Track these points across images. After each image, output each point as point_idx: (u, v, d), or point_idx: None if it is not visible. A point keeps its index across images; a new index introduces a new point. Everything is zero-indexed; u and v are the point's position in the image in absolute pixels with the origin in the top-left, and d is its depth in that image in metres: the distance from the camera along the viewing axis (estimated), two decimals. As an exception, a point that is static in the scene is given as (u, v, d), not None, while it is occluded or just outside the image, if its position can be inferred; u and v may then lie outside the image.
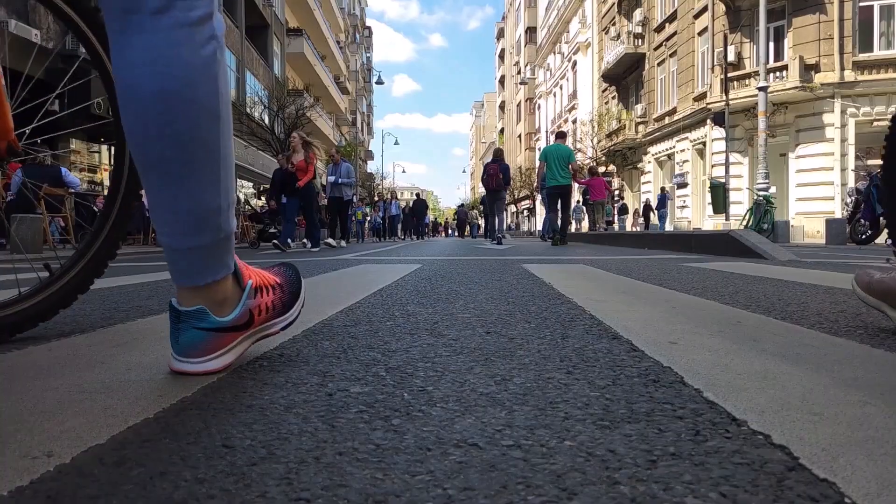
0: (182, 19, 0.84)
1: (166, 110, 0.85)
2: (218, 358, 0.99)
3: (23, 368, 1.05)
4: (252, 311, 1.03)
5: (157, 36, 0.83)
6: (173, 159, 0.87)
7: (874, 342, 1.27)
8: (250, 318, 1.03)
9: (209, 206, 0.92)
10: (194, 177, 0.89)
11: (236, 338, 1.02)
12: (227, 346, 1.00)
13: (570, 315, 1.68)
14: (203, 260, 0.94)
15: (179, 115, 0.86)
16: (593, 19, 32.58)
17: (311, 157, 8.52)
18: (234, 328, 1.00)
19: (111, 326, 1.53)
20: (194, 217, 0.91)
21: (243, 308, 1.01)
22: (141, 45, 0.83)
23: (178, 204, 0.90)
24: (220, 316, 0.97)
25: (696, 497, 0.53)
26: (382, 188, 43.54)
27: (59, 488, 0.56)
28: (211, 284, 0.96)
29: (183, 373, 0.98)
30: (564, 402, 0.83)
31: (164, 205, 0.90)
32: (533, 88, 49.99)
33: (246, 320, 1.02)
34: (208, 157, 0.90)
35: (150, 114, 0.85)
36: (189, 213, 0.90)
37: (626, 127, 26.61)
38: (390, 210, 22.92)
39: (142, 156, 0.88)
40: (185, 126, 0.86)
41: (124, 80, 0.85)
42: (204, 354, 0.97)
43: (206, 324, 0.96)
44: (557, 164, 9.86)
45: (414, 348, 1.22)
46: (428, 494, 0.54)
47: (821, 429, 0.71)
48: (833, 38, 16.81)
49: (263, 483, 0.57)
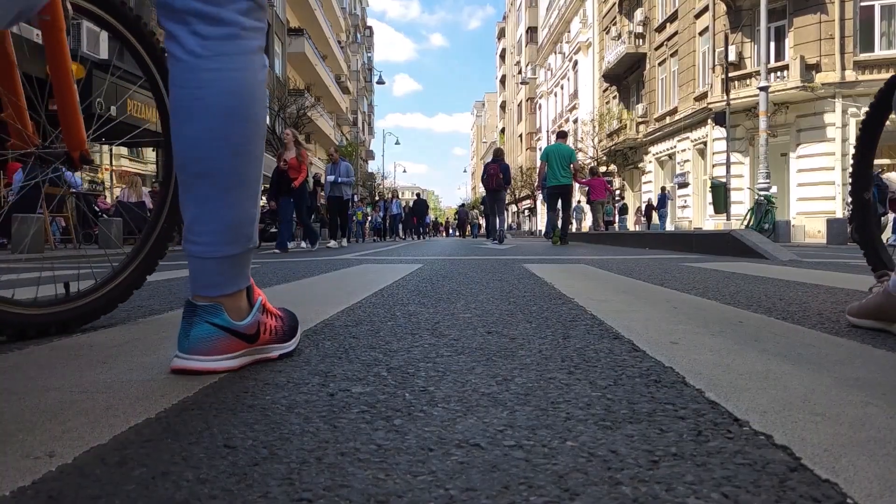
0: (246, 47, 0.97)
1: (229, 125, 0.95)
2: (222, 361, 0.99)
3: (24, 368, 1.05)
4: (260, 325, 1.05)
5: (228, 59, 0.95)
6: (228, 170, 0.96)
7: (876, 342, 1.26)
8: (257, 331, 1.04)
9: (248, 216, 1.00)
10: (241, 187, 0.98)
11: (242, 347, 1.02)
12: (233, 353, 1.01)
13: (571, 315, 1.68)
14: (231, 269, 0.99)
15: (238, 130, 0.96)
16: (594, 19, 32.56)
17: (303, 154, 8.41)
18: (243, 336, 1.01)
19: (113, 326, 1.54)
20: (234, 226, 0.99)
21: (254, 318, 1.03)
22: (212, 67, 0.94)
23: (224, 213, 0.98)
24: (234, 320, 1.00)
25: (699, 498, 0.53)
26: (383, 188, 43.53)
27: (61, 488, 0.56)
28: (230, 295, 1.00)
29: (184, 370, 0.98)
30: (566, 402, 0.83)
31: (209, 214, 0.97)
32: (534, 88, 49.99)
33: (254, 332, 1.04)
34: (253, 170, 1.00)
35: (216, 127, 0.95)
36: (231, 221, 0.98)
37: (626, 127, 26.59)
38: (391, 209, 22.90)
39: (198, 166, 0.96)
40: (241, 140, 0.97)
41: (193, 96, 0.94)
42: (210, 353, 0.98)
43: (220, 321, 0.98)
44: (559, 164, 9.89)
45: (415, 348, 1.22)
46: (430, 495, 0.54)
47: (823, 429, 0.71)
48: (834, 38, 16.79)
49: (265, 483, 0.57)
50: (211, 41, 0.94)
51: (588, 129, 29.40)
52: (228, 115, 0.95)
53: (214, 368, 0.98)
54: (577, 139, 30.91)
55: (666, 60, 23.71)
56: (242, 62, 0.96)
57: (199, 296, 0.99)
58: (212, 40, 0.94)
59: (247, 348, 1.04)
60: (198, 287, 0.99)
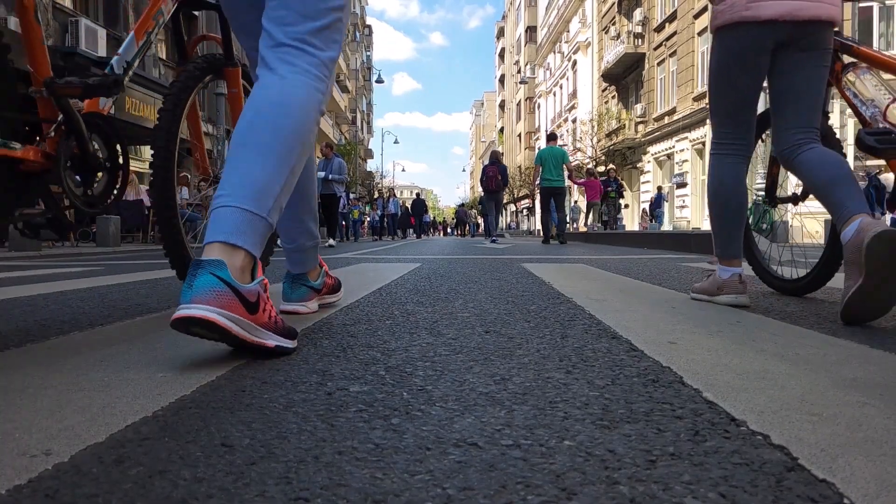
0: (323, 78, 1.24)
1: (305, 123, 1.18)
2: (222, 316, 0.97)
3: (21, 366, 1.05)
4: (260, 299, 1.05)
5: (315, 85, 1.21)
6: (264, 145, 1.13)
7: (873, 343, 1.27)
8: (256, 304, 1.04)
9: (272, 187, 1.11)
10: (272, 157, 1.12)
11: (242, 313, 1.01)
12: (230, 312, 0.99)
13: (569, 314, 1.68)
14: (245, 224, 1.06)
15: (308, 131, 1.20)
16: (593, 19, 32.57)
17: None
18: (244, 300, 1.01)
19: (110, 324, 1.53)
20: (259, 188, 1.09)
21: (254, 287, 1.04)
22: (302, 86, 1.19)
23: (252, 171, 1.10)
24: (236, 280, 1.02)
25: (696, 497, 0.53)
26: (382, 186, 43.48)
27: (58, 487, 0.56)
28: (237, 248, 1.04)
29: (186, 318, 0.95)
30: (564, 401, 0.83)
31: (238, 171, 1.10)
32: (533, 88, 49.97)
33: (254, 301, 1.03)
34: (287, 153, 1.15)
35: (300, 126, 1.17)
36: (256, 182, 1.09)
37: (625, 126, 26.61)
38: (389, 208, 22.87)
39: (243, 139, 1.13)
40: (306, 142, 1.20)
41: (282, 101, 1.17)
42: (211, 304, 0.97)
43: (223, 274, 1.00)
44: (553, 166, 10.14)
45: (413, 347, 1.22)
46: (427, 494, 0.54)
47: (820, 429, 0.71)
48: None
49: (263, 482, 0.57)
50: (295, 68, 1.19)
51: (587, 129, 29.40)
52: (304, 114, 1.17)
53: (214, 319, 0.96)
54: (576, 139, 30.92)
55: (665, 60, 23.73)
56: (316, 84, 1.21)
57: (212, 248, 1.04)
58: (295, 67, 1.19)
59: (245, 315, 1.02)
60: (210, 235, 1.04)
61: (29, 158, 1.35)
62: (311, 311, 1.68)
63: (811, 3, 1.72)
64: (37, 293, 2.31)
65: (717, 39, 1.89)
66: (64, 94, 1.43)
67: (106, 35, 12.64)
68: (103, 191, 1.62)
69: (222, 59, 1.89)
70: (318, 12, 1.19)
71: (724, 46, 1.88)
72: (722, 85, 1.93)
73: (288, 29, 1.18)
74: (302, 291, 1.67)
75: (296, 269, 1.67)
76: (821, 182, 1.75)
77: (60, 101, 1.44)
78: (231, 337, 1.00)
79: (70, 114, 1.46)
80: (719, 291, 1.94)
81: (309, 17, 1.19)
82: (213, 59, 1.87)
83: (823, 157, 1.81)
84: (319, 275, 1.74)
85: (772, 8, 1.72)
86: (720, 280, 1.95)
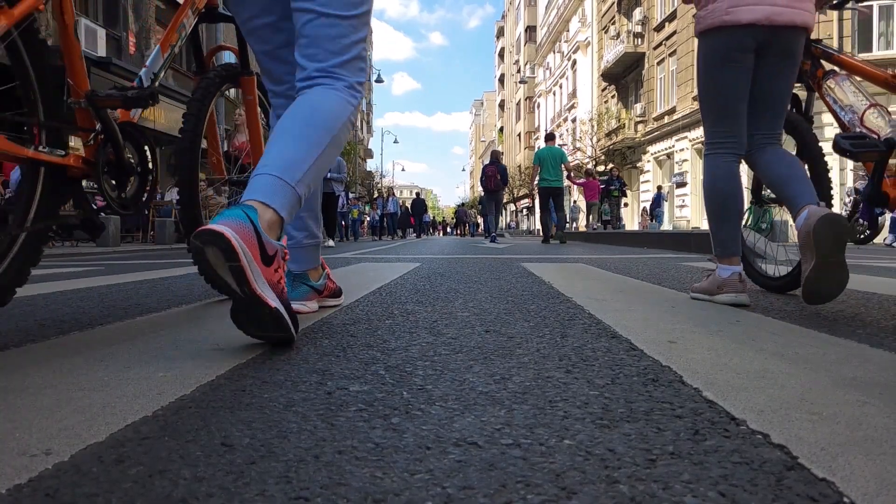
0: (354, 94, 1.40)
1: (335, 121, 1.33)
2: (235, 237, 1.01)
3: (21, 366, 1.05)
4: (276, 258, 1.13)
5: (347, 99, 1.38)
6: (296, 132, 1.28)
7: (872, 342, 1.27)
8: (272, 259, 1.11)
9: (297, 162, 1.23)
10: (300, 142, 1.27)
11: (253, 251, 1.06)
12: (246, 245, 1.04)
13: (569, 314, 1.68)
14: (271, 187, 1.17)
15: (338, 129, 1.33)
16: (593, 18, 32.56)
17: None
18: (261, 244, 1.08)
19: (109, 324, 1.53)
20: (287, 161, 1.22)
21: (276, 244, 1.14)
22: (333, 95, 1.35)
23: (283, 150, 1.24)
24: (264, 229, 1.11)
25: (695, 496, 0.53)
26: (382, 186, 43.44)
27: (58, 486, 0.56)
28: (267, 206, 1.14)
29: (202, 230, 1.00)
30: (563, 400, 0.83)
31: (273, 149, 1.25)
32: (532, 87, 49.96)
33: (270, 254, 1.11)
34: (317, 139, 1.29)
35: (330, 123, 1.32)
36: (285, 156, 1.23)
37: (625, 126, 26.60)
38: (388, 207, 22.85)
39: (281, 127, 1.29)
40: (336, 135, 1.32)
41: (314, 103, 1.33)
42: (230, 227, 1.03)
43: (251, 214, 1.08)
44: (551, 166, 10.23)
45: (413, 347, 1.22)
46: (427, 493, 0.54)
47: (819, 428, 0.71)
48: (832, 38, 16.79)
49: (263, 481, 0.57)
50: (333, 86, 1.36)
51: (586, 129, 29.41)
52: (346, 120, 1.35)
53: (229, 236, 1.00)
54: (576, 138, 30.91)
55: (664, 60, 23.72)
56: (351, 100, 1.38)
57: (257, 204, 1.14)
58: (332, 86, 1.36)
59: (258, 263, 1.07)
60: (244, 196, 1.17)
61: (71, 164, 1.46)
62: (311, 310, 1.68)
63: (787, 9, 1.82)
64: (36, 293, 2.31)
65: (702, 43, 1.98)
66: (105, 105, 1.54)
67: (105, 35, 12.63)
68: (135, 194, 1.72)
69: (238, 69, 2.03)
70: (343, 48, 1.36)
71: (708, 48, 1.96)
72: (710, 85, 1.99)
73: (319, 64, 1.35)
74: (303, 290, 1.68)
75: (295, 266, 1.69)
76: (777, 179, 1.94)
77: (100, 113, 1.54)
78: (238, 268, 1.01)
79: (108, 124, 1.56)
80: (719, 290, 1.95)
81: (336, 53, 1.35)
82: (230, 69, 2.01)
83: (780, 157, 2.00)
84: (321, 276, 1.75)
85: (751, 13, 1.81)
86: (720, 279, 1.96)
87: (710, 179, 2.03)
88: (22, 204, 1.40)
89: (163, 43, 1.81)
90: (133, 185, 1.71)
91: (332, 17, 1.34)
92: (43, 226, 1.43)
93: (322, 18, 1.34)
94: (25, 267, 1.39)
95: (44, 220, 1.43)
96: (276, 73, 1.60)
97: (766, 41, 1.87)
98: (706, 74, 2.00)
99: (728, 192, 2.00)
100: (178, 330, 1.42)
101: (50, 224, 1.45)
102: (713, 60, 1.95)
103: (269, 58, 1.58)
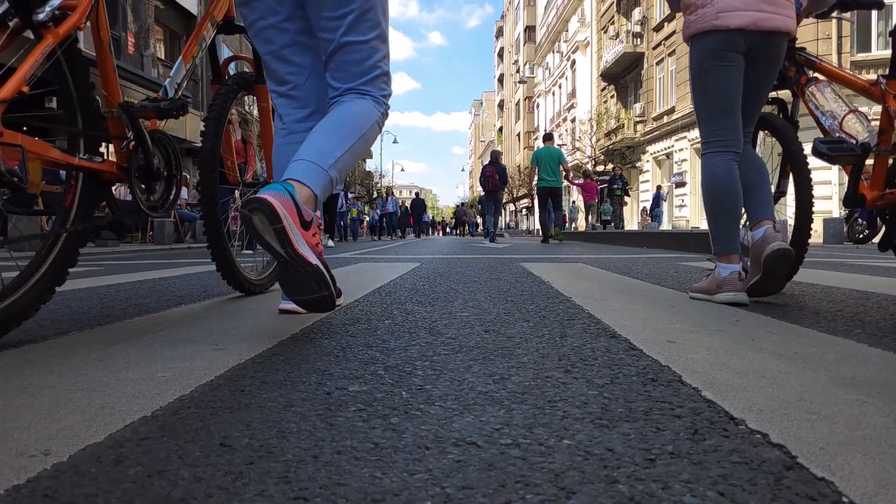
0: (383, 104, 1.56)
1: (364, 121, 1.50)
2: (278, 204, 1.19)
3: (20, 366, 1.05)
4: (313, 224, 1.29)
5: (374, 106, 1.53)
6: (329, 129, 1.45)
7: (872, 341, 1.27)
8: (309, 224, 1.27)
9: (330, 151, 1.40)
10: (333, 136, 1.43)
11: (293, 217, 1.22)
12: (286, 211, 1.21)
13: (568, 314, 1.68)
14: (307, 170, 1.34)
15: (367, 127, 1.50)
16: (592, 18, 32.56)
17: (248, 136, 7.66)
18: (299, 211, 1.24)
19: (108, 324, 1.53)
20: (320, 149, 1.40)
21: (312, 213, 1.30)
22: (361, 103, 1.51)
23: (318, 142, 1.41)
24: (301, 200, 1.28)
25: (695, 496, 0.53)
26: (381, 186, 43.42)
27: (57, 486, 0.56)
28: (303, 184, 1.31)
29: (251, 198, 1.18)
30: (563, 400, 0.83)
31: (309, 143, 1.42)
32: (532, 87, 49.96)
33: (308, 220, 1.27)
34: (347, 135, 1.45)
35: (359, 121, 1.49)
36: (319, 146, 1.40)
37: (624, 126, 26.60)
38: (387, 207, 22.81)
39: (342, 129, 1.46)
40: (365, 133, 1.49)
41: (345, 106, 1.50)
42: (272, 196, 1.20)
43: (289, 188, 1.26)
44: (549, 166, 10.26)
45: (413, 347, 1.22)
46: (426, 493, 0.54)
47: (818, 428, 0.71)
48: (831, 38, 16.81)
49: (262, 481, 0.57)
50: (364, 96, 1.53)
51: (586, 129, 29.41)
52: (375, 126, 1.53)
53: (273, 203, 1.17)
54: (575, 138, 30.92)
55: (664, 60, 23.72)
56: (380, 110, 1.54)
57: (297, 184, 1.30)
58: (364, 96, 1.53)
59: (297, 227, 1.23)
60: (285, 175, 1.33)
61: (107, 170, 1.56)
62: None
63: (773, 16, 1.91)
64: (35, 293, 2.30)
65: (694, 46, 2.04)
66: (140, 116, 1.66)
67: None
68: (161, 197, 1.83)
69: (253, 77, 2.19)
70: (366, 69, 1.52)
71: (700, 49, 2.02)
72: (706, 85, 2.03)
73: (347, 85, 1.53)
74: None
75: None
76: (744, 182, 2.04)
77: (135, 122, 1.65)
78: (281, 231, 1.18)
79: (141, 132, 1.67)
80: (719, 289, 1.95)
81: (361, 74, 1.52)
82: (246, 77, 2.17)
83: (750, 159, 2.10)
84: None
85: (739, 17, 1.90)
86: (719, 278, 1.96)
87: (709, 178, 2.05)
88: (63, 206, 1.49)
89: (185, 55, 1.93)
90: (160, 189, 1.82)
91: (354, 44, 1.50)
92: (82, 227, 1.50)
93: (345, 47, 1.50)
94: (64, 267, 1.46)
95: (82, 222, 1.51)
96: (279, 74, 1.65)
97: (753, 45, 1.95)
98: (701, 75, 2.04)
99: (727, 190, 2.02)
100: (176, 330, 1.42)
101: (88, 226, 1.52)
102: (707, 61, 2.00)
103: (274, 59, 1.63)
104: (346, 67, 1.51)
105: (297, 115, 1.65)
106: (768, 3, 1.90)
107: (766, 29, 1.91)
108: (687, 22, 2.04)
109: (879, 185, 1.85)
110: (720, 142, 2.04)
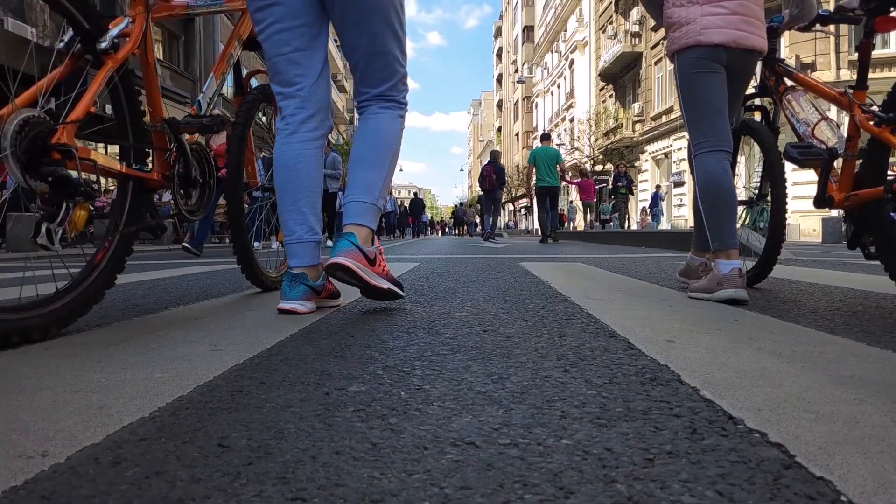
0: (404, 106, 1.83)
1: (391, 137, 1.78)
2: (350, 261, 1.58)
3: (18, 367, 1.05)
4: (377, 258, 1.70)
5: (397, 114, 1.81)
6: (367, 158, 1.74)
7: (870, 340, 1.27)
8: (374, 260, 1.68)
9: (374, 183, 1.71)
10: (371, 168, 1.73)
11: (362, 262, 1.62)
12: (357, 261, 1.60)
13: (567, 313, 1.68)
14: (362, 211, 1.67)
15: (394, 140, 1.79)
16: (590, 18, 32.57)
17: None
18: (365, 255, 1.64)
19: (107, 325, 1.53)
20: (366, 183, 1.70)
21: (373, 249, 1.68)
22: (386, 117, 1.77)
23: (363, 176, 1.71)
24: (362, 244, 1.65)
25: (693, 495, 0.53)
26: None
27: (54, 488, 0.56)
28: (361, 225, 1.66)
29: (331, 264, 1.58)
30: (561, 400, 0.83)
31: (354, 179, 1.71)
32: (530, 87, 49.98)
33: (372, 258, 1.67)
34: (383, 162, 1.75)
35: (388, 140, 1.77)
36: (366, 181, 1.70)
37: (623, 125, 26.62)
38: (386, 207, 22.73)
39: (355, 156, 1.75)
40: (395, 150, 1.79)
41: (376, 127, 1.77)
42: (345, 256, 1.59)
43: (353, 240, 1.62)
44: (546, 166, 10.30)
45: (411, 347, 1.22)
46: (425, 493, 0.54)
47: (817, 427, 0.71)
48: (829, 37, 16.82)
49: (260, 482, 0.57)
50: (388, 104, 1.78)
51: (584, 128, 29.41)
52: (396, 136, 1.79)
53: (346, 264, 1.57)
54: (574, 138, 30.92)
55: (662, 59, 23.73)
56: (400, 119, 1.81)
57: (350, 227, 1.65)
58: (388, 104, 1.78)
59: (367, 267, 1.64)
60: (344, 220, 1.66)
61: (153, 178, 1.74)
62: (307, 310, 1.68)
63: (750, 35, 2.07)
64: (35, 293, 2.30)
65: (680, 59, 2.14)
66: (184, 131, 1.84)
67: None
68: (197, 202, 1.99)
69: None
70: (389, 75, 1.75)
71: (685, 61, 2.13)
72: (695, 92, 2.12)
73: (374, 90, 1.76)
74: (300, 290, 1.69)
75: (294, 262, 1.71)
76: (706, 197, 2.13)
77: (178, 136, 1.82)
78: (357, 277, 1.59)
79: (183, 145, 1.85)
80: (718, 287, 1.96)
81: (385, 79, 1.75)
82: (267, 90, 2.31)
83: None
84: (320, 276, 1.76)
85: (720, 34, 2.04)
86: (719, 275, 1.97)
87: (703, 176, 2.12)
88: (116, 212, 1.66)
89: (215, 71, 2.14)
90: (196, 196, 1.99)
91: (378, 54, 1.71)
92: (133, 229, 1.66)
93: (371, 56, 1.71)
94: (113, 273, 1.59)
95: (133, 224, 1.67)
96: (288, 76, 1.73)
97: (731, 61, 2.10)
98: (688, 84, 2.13)
99: (722, 184, 2.08)
100: (175, 331, 1.42)
101: (137, 229, 1.68)
102: (694, 71, 2.11)
103: (285, 61, 1.71)
104: (372, 74, 1.74)
105: (300, 115, 1.74)
106: (746, 23, 2.05)
107: (743, 46, 2.06)
108: (671, 39, 2.16)
109: (846, 187, 2.00)
110: (711, 142, 2.11)
